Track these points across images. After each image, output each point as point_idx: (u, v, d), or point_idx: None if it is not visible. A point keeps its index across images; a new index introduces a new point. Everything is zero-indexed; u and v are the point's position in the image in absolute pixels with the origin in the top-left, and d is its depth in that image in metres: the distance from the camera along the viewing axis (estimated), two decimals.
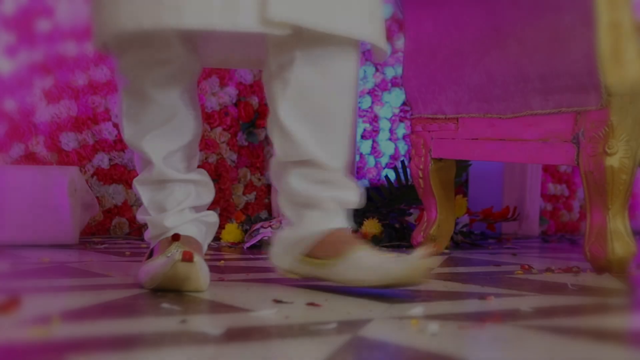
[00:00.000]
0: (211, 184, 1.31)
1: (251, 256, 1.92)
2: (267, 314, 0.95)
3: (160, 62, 1.21)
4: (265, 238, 2.25)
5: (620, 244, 1.65)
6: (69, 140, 2.47)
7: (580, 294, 1.25)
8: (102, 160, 2.53)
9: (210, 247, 2.13)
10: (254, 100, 2.81)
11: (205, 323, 0.86)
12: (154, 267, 1.13)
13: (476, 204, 2.94)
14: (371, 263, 1.14)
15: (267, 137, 2.80)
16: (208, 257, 1.83)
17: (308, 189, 1.21)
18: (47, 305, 0.99)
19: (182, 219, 1.25)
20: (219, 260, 1.75)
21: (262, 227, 2.33)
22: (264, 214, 2.77)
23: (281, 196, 1.26)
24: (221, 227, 2.58)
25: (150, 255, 1.24)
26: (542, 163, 2.86)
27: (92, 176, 2.51)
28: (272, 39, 1.20)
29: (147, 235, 1.30)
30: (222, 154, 2.74)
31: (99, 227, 2.51)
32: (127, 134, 1.25)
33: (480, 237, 2.65)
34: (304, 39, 1.17)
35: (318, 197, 1.21)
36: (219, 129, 2.74)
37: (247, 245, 2.21)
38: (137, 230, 2.55)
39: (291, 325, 0.87)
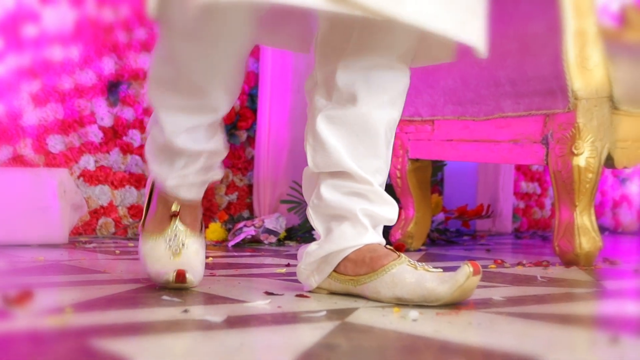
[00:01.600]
0: (223, 156, 1.27)
1: (236, 254, 2.00)
2: (261, 304, 1.03)
3: (223, 36, 1.09)
4: (248, 237, 2.33)
5: (587, 239, 1.75)
6: (56, 143, 2.53)
7: (548, 285, 1.34)
8: (88, 162, 2.59)
9: None
10: (236, 103, 2.88)
11: (206, 312, 0.94)
12: (155, 269, 1.18)
13: (451, 202, 3.03)
14: (411, 279, 1.07)
15: (248, 139, 2.88)
16: None
17: (340, 201, 1.14)
18: (56, 298, 1.07)
19: (185, 181, 1.21)
20: (207, 257, 1.83)
21: (245, 226, 2.40)
22: (246, 214, 2.84)
23: (310, 209, 1.19)
24: (205, 226, 2.65)
25: (149, 201, 1.27)
26: (513, 163, 2.97)
27: (78, 177, 2.57)
28: (324, 40, 1.16)
29: (151, 172, 1.25)
30: None
31: (85, 227, 2.57)
32: (152, 95, 1.17)
33: (456, 234, 2.75)
34: (353, 45, 1.12)
35: (350, 209, 1.13)
36: None
37: (232, 243, 2.28)
38: (123, 230, 2.62)
39: (284, 314, 0.95)
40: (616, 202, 3.92)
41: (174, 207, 1.23)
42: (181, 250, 1.21)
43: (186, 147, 1.17)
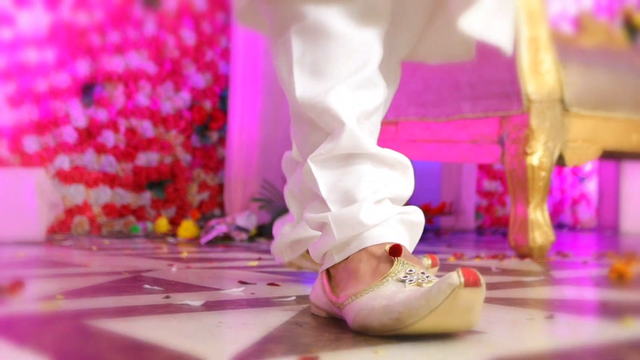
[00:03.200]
0: (411, 168, 0.93)
1: (209, 250, 2.08)
2: (235, 291, 1.12)
3: None
4: (220, 234, 2.42)
5: (539, 233, 1.86)
6: (31, 143, 2.60)
7: (501, 274, 1.45)
8: (63, 162, 2.66)
9: (168, 243, 2.31)
10: (207, 105, 2.96)
11: (185, 298, 1.03)
12: (401, 300, 0.74)
13: (416, 200, 3.14)
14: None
15: (219, 139, 2.97)
16: (167, 252, 2.00)
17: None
18: (45, 288, 1.15)
19: (384, 214, 0.87)
20: (181, 252, 1.92)
21: (217, 223, 2.49)
22: (217, 212, 2.93)
23: (287, 192, 1.20)
24: (177, 223, 2.74)
25: (329, 276, 0.90)
26: (472, 162, 3.09)
27: (53, 177, 2.63)
28: None
29: (322, 245, 0.89)
30: (177, 155, 2.89)
31: (61, 225, 2.64)
32: (302, 89, 0.91)
33: None
34: None
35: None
36: (173, 132, 2.89)
37: (204, 240, 2.36)
38: (97, 228, 2.69)
39: (258, 299, 1.05)
40: (575, 200, 4.07)
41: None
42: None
43: (369, 147, 0.90)
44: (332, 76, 0.90)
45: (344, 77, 0.90)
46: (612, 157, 2.53)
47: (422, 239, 2.57)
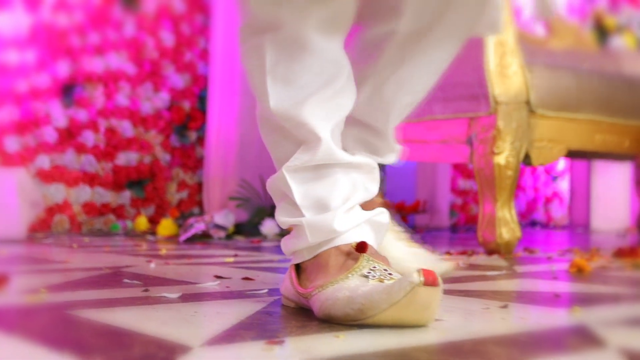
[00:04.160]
0: (377, 169, 1.01)
1: (187, 247, 2.14)
2: (211, 285, 1.18)
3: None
4: (199, 232, 2.47)
5: (506, 230, 1.93)
6: (12, 143, 2.64)
7: (467, 269, 1.52)
8: (43, 161, 2.70)
9: (147, 240, 2.36)
10: (186, 105, 3.01)
11: (163, 291, 1.09)
12: (363, 293, 0.81)
13: (392, 198, 3.21)
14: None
15: (198, 139, 3.02)
16: (147, 249, 2.05)
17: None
18: (28, 282, 1.20)
19: (354, 220, 0.94)
20: (160, 249, 1.97)
21: (195, 221, 2.54)
22: (196, 210, 2.98)
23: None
24: (157, 222, 2.79)
25: (298, 270, 0.97)
26: (443, 162, 3.17)
27: (34, 176, 2.67)
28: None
29: (295, 244, 0.95)
30: (156, 154, 2.94)
31: (41, 224, 2.68)
32: (276, 100, 0.93)
33: None
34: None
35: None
36: (153, 132, 2.93)
37: (183, 238, 2.41)
38: (77, 226, 2.73)
39: (232, 291, 1.11)
40: (548, 199, 4.16)
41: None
42: None
43: (342, 158, 0.97)
44: (306, 87, 0.93)
45: (318, 88, 0.93)
46: (580, 156, 2.61)
47: None
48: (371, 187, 0.99)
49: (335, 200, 0.93)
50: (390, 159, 1.18)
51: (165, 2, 2.97)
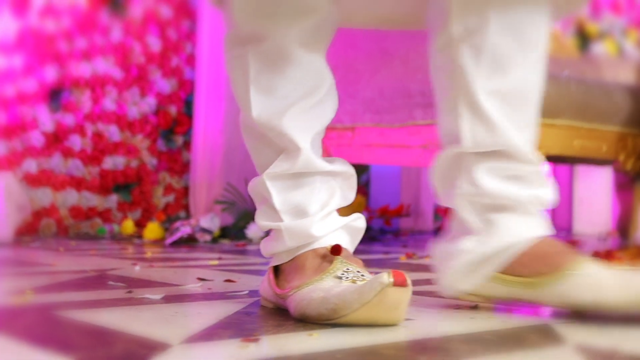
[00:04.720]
0: (354, 176, 1.02)
1: (173, 250, 2.17)
2: (193, 287, 1.21)
3: (305, 11, 0.95)
4: (185, 235, 2.50)
5: None
6: None
7: None
8: (30, 165, 2.72)
9: (134, 244, 2.39)
10: (173, 109, 3.04)
11: (146, 292, 1.12)
12: (336, 294, 0.84)
13: (378, 202, 3.25)
14: (615, 279, 0.89)
15: (184, 143, 3.05)
16: (133, 253, 2.08)
17: (503, 188, 0.97)
18: (15, 284, 1.23)
19: (331, 225, 0.98)
20: (146, 253, 2.00)
21: (181, 225, 2.57)
22: (182, 214, 3.01)
23: (462, 198, 0.99)
24: (143, 225, 2.82)
25: (277, 272, 1.00)
26: (424, 166, 3.21)
27: (21, 180, 2.70)
28: None
29: (274, 246, 0.99)
30: (143, 159, 2.97)
31: (28, 227, 2.70)
32: (259, 109, 0.96)
33: (379, 232, 2.96)
34: None
35: (516, 197, 0.97)
36: (139, 136, 2.96)
37: (169, 241, 2.44)
38: (64, 230, 2.76)
39: (213, 293, 1.14)
40: None
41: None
42: None
43: (321, 166, 0.99)
44: (287, 98, 0.96)
45: (298, 98, 0.96)
46: (560, 161, 2.65)
47: (380, 240, 2.68)
48: (348, 194, 1.02)
49: (313, 206, 0.97)
50: (545, 190, 1.02)
51: (152, 8, 3.01)
